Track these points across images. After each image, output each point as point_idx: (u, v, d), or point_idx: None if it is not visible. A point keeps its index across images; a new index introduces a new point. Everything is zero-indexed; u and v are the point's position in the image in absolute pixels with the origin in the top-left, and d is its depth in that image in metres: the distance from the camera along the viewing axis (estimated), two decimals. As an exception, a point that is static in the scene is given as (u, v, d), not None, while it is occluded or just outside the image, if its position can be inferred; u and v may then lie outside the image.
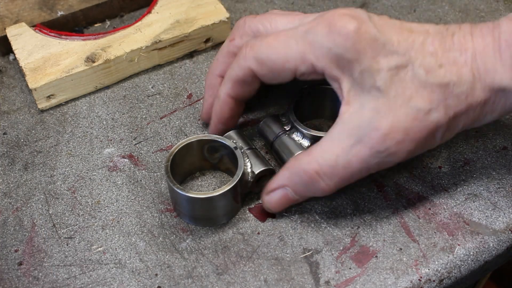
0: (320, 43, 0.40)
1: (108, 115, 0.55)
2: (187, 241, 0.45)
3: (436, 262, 0.43)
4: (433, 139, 0.40)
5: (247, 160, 0.45)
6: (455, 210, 0.46)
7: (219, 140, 0.46)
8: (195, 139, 0.46)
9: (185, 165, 0.47)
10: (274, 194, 0.44)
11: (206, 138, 0.46)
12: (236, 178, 0.43)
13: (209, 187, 0.48)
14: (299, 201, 0.44)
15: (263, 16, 0.46)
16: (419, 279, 0.42)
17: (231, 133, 0.48)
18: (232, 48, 0.47)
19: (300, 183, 0.42)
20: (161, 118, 0.54)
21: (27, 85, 0.55)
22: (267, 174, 0.46)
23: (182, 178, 0.48)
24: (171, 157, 0.45)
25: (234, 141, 0.46)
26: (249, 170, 0.45)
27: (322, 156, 0.40)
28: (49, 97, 0.54)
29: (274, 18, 0.45)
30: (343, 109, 0.40)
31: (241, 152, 0.45)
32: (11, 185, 0.49)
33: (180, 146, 0.45)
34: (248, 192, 0.46)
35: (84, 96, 0.56)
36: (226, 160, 0.48)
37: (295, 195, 0.43)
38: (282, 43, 0.42)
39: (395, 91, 0.38)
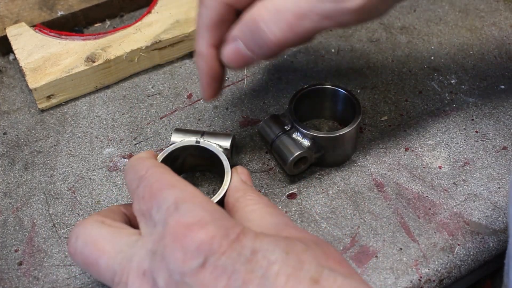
0: None
1: (108, 115, 0.55)
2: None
3: (436, 262, 0.43)
4: None
5: (214, 144, 0.44)
6: (455, 210, 0.46)
7: (178, 146, 0.44)
8: (160, 160, 0.43)
9: None
10: (227, 47, 0.40)
11: (166, 153, 0.44)
12: (226, 181, 0.42)
13: (209, 187, 0.48)
14: (254, 60, 0.40)
15: None
16: (419, 279, 0.42)
17: (174, 135, 0.46)
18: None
19: (248, 33, 0.38)
20: (161, 118, 0.54)
21: (27, 85, 0.55)
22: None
23: None
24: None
25: (186, 138, 0.45)
26: (221, 149, 0.44)
27: (272, 1, 0.37)
28: (49, 97, 0.54)
29: None
30: None
31: (203, 141, 0.44)
32: (11, 185, 0.49)
33: None
34: None
35: (84, 96, 0.56)
36: (190, 160, 0.47)
37: (247, 50, 0.39)
38: None
39: None
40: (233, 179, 0.42)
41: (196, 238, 0.31)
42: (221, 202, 0.41)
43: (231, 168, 0.43)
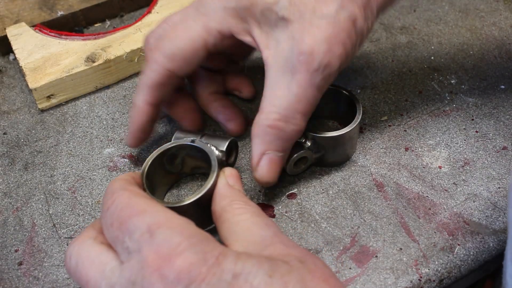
0: (213, 8, 0.42)
1: (108, 115, 0.55)
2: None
3: (436, 262, 0.43)
4: (354, 34, 0.40)
5: (212, 147, 0.43)
6: (455, 210, 0.46)
7: (174, 145, 0.44)
8: (155, 155, 0.43)
9: (160, 185, 0.46)
10: (261, 166, 0.43)
11: (162, 150, 0.44)
12: (211, 179, 0.41)
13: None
14: (286, 157, 0.44)
15: (162, 21, 0.46)
16: (419, 279, 0.42)
17: (177, 133, 0.46)
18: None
19: (275, 139, 0.42)
20: (161, 118, 0.54)
21: (27, 85, 0.55)
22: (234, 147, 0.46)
23: (163, 193, 0.47)
24: (144, 181, 0.42)
25: (186, 138, 0.45)
26: (218, 153, 0.43)
27: (274, 105, 0.41)
28: (49, 97, 0.54)
29: (170, 17, 0.45)
30: (265, 55, 0.42)
31: (201, 142, 0.44)
32: (11, 185, 0.49)
33: (144, 172, 0.42)
34: None
35: (84, 96, 0.56)
36: (189, 161, 0.47)
37: (279, 153, 0.43)
38: (182, 29, 0.43)
39: (298, 11, 0.39)
40: (219, 184, 0.40)
41: (175, 267, 0.30)
42: (199, 203, 0.40)
43: (220, 170, 0.42)
